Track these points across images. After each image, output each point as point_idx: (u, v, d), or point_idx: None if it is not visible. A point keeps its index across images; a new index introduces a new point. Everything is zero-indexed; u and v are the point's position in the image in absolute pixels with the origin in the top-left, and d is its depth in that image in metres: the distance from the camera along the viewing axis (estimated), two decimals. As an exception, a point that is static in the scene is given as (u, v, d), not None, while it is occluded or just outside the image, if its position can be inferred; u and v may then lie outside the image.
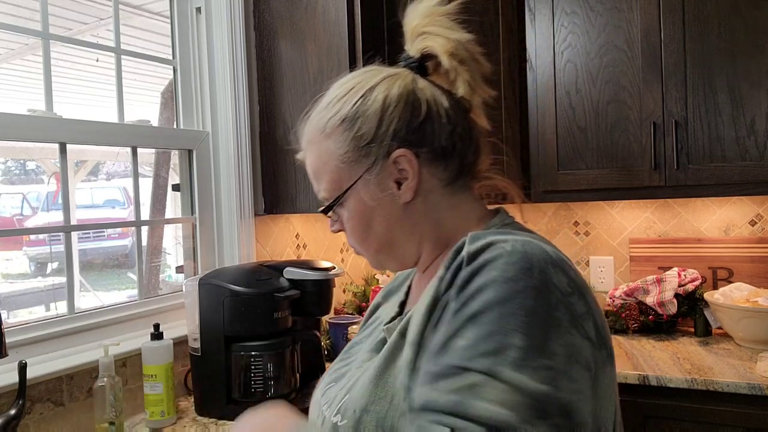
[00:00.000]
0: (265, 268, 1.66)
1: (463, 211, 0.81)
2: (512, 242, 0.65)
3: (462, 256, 0.67)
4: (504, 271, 0.62)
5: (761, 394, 1.58)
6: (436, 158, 0.77)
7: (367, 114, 0.76)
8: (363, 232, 0.80)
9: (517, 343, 0.58)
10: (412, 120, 0.76)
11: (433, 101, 0.77)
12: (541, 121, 2.12)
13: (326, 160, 0.79)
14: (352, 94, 0.78)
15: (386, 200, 0.77)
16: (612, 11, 2.02)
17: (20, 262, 6.04)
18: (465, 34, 0.79)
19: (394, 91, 0.77)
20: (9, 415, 1.22)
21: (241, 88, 1.95)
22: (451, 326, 0.63)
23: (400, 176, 0.77)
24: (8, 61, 3.69)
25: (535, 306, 0.60)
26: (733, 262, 2.17)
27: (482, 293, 0.62)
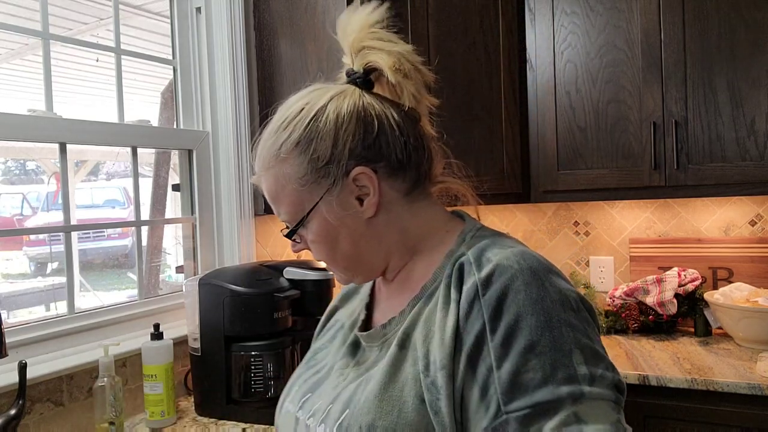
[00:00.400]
0: (265, 268, 1.66)
1: (425, 217, 0.82)
2: (513, 259, 0.69)
3: (474, 282, 0.69)
4: (527, 293, 0.67)
5: (761, 394, 1.58)
6: (393, 171, 0.78)
7: (321, 135, 0.76)
8: (330, 251, 0.80)
9: (579, 359, 0.64)
10: (366, 136, 0.76)
11: (383, 115, 0.78)
12: (541, 121, 2.12)
13: (284, 184, 0.78)
14: (303, 115, 0.77)
15: (350, 218, 0.78)
16: (612, 11, 2.02)
17: (20, 262, 6.04)
18: (404, 45, 0.79)
19: (345, 108, 0.77)
20: (9, 415, 1.22)
21: (241, 88, 1.95)
22: (512, 361, 0.64)
23: (361, 193, 0.77)
24: (8, 61, 3.69)
25: (568, 318, 0.66)
26: (733, 262, 2.17)
27: (523, 321, 0.65)
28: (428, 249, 0.81)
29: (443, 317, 0.71)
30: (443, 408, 0.66)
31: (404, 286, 0.83)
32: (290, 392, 0.88)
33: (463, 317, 0.69)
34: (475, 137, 2.12)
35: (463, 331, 0.68)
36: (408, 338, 0.74)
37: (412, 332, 0.74)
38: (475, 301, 0.68)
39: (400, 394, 0.70)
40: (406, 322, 0.76)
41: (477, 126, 2.12)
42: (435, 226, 0.82)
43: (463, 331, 0.68)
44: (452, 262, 0.75)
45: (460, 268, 0.72)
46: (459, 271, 0.72)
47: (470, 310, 0.68)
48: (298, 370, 0.92)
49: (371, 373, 0.76)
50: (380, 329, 0.80)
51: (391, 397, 0.70)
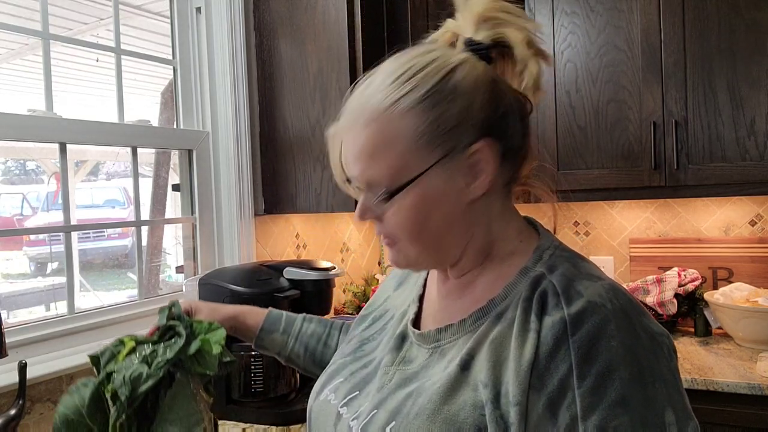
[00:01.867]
0: (265, 268, 1.66)
1: (507, 218, 0.75)
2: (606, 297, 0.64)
3: (563, 318, 0.64)
4: (620, 339, 0.62)
5: (761, 394, 1.58)
6: (507, 157, 0.71)
7: (455, 95, 0.67)
8: (415, 226, 0.70)
9: (671, 419, 0.61)
10: (498, 110, 0.69)
11: (510, 94, 0.71)
12: (541, 120, 2.12)
13: (391, 140, 0.67)
14: (433, 70, 0.68)
15: (452, 194, 0.69)
16: (612, 11, 2.02)
17: (20, 262, 6.04)
18: (533, 23, 0.72)
19: (480, 75, 0.69)
20: (9, 415, 1.22)
21: (241, 88, 1.95)
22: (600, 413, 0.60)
23: (475, 170, 0.69)
24: (8, 61, 3.69)
25: (661, 370, 0.63)
26: (733, 262, 2.17)
27: (616, 372, 0.61)
28: (499, 257, 0.74)
29: (519, 346, 0.65)
30: None
31: (466, 290, 0.76)
32: (332, 381, 0.82)
33: (546, 354, 0.63)
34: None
35: (544, 369, 0.63)
36: (472, 360, 0.68)
37: (476, 354, 0.68)
38: (563, 340, 0.62)
39: (455, 418, 0.65)
40: (470, 341, 0.70)
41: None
42: (510, 232, 0.75)
43: (545, 369, 0.63)
44: (530, 283, 0.69)
45: (544, 295, 0.66)
46: (542, 298, 0.66)
47: (556, 349, 0.63)
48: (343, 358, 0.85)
49: (423, 385, 0.70)
50: (435, 333, 0.74)
51: (445, 420, 0.65)
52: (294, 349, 1.06)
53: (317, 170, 1.94)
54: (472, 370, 0.67)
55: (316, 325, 1.09)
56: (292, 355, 1.06)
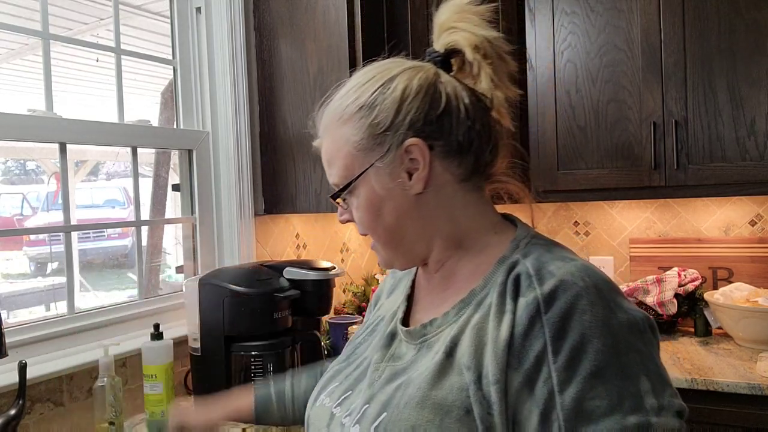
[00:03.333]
0: (265, 268, 1.66)
1: (475, 212, 0.80)
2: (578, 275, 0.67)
3: (536, 298, 0.67)
4: (593, 313, 0.65)
5: (761, 394, 1.58)
6: (451, 153, 0.77)
7: (386, 102, 0.76)
8: (372, 221, 0.79)
9: (646, 387, 0.63)
10: (430, 112, 0.75)
11: (453, 95, 0.77)
12: (541, 120, 2.12)
13: (340, 146, 0.78)
14: (373, 82, 0.77)
15: (397, 190, 0.76)
16: (612, 11, 2.02)
17: (20, 262, 6.04)
18: (493, 32, 0.78)
19: (416, 82, 0.76)
20: (9, 415, 1.22)
21: (241, 88, 1.95)
22: (576, 386, 0.62)
23: (411, 166, 0.76)
24: (8, 61, 3.69)
25: (635, 342, 0.65)
26: (733, 262, 2.17)
27: (589, 344, 0.63)
28: (476, 248, 0.79)
29: (496, 328, 0.69)
30: (497, 423, 0.65)
31: (448, 283, 0.81)
32: (328, 386, 0.86)
33: (521, 333, 0.66)
34: (475, 137, 2.11)
35: (520, 348, 0.66)
36: (456, 346, 0.72)
37: (459, 340, 0.72)
38: (536, 318, 0.66)
39: (443, 402, 0.68)
40: (453, 329, 0.74)
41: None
42: (484, 224, 0.80)
43: (521, 347, 0.66)
44: (506, 270, 0.73)
45: (517, 278, 0.70)
46: (516, 281, 0.70)
47: (530, 327, 0.66)
48: (338, 364, 0.90)
49: (411, 377, 0.74)
50: (420, 328, 0.78)
51: (434, 405, 0.68)
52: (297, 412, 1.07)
53: (317, 170, 1.94)
54: (456, 356, 0.71)
55: (306, 380, 1.11)
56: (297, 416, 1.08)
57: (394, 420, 0.70)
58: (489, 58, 0.78)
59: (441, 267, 0.81)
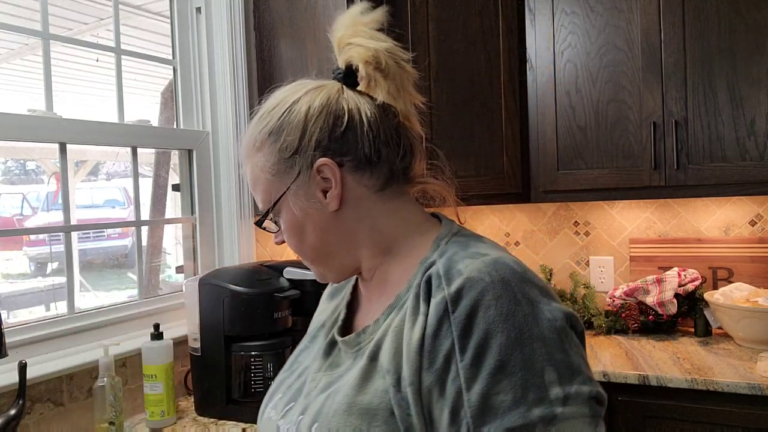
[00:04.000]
0: (265, 268, 1.66)
1: (399, 216, 0.81)
2: (484, 270, 0.67)
3: (444, 298, 0.67)
4: (498, 308, 0.65)
5: (761, 394, 1.58)
6: (360, 166, 0.78)
7: (291, 126, 0.77)
8: (298, 242, 0.81)
9: (551, 377, 0.63)
10: (334, 129, 0.77)
11: (356, 110, 0.78)
12: (541, 120, 2.12)
13: (257, 173, 0.80)
14: (279, 107, 0.79)
15: (314, 210, 0.78)
16: (612, 11, 2.02)
17: (20, 262, 6.04)
18: (384, 42, 0.78)
19: (317, 102, 0.78)
20: (9, 415, 1.22)
21: (241, 88, 1.95)
22: (481, 382, 0.63)
23: (325, 185, 0.78)
24: (8, 61, 3.69)
25: (541, 331, 0.64)
26: (733, 262, 2.17)
27: (493, 339, 0.64)
28: (403, 252, 0.80)
29: (410, 330, 0.70)
30: (415, 425, 0.66)
31: (381, 289, 0.82)
32: (273, 398, 0.87)
33: (432, 334, 0.67)
34: (475, 137, 2.12)
35: (431, 348, 0.67)
36: (379, 350, 0.73)
37: (382, 344, 0.73)
38: (444, 318, 0.66)
39: (369, 406, 0.69)
40: (378, 333, 0.75)
41: (477, 126, 2.12)
42: (409, 228, 0.81)
43: (431, 348, 0.67)
44: (423, 271, 0.74)
45: (429, 280, 0.71)
46: (428, 283, 0.71)
47: (439, 327, 0.67)
48: (282, 374, 0.91)
49: (340, 384, 0.75)
50: (355, 337, 0.79)
51: (360, 410, 0.69)
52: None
53: (317, 170, 1.94)
54: (379, 360, 0.72)
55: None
56: None
57: (324, 429, 0.71)
58: (383, 71, 0.78)
59: (374, 274, 0.82)
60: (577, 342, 0.67)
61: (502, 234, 2.52)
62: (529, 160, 2.16)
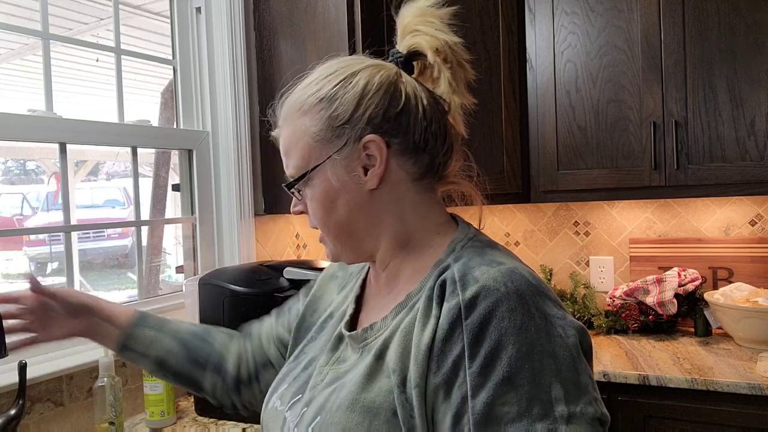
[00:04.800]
0: (265, 268, 1.66)
1: (424, 211, 0.81)
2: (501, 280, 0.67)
3: (458, 304, 0.67)
4: (511, 320, 0.64)
5: (761, 394, 1.58)
6: (407, 151, 0.78)
7: (346, 96, 0.76)
8: (325, 214, 0.79)
9: (558, 394, 0.62)
10: (389, 109, 0.76)
11: (413, 95, 0.78)
12: (541, 120, 2.12)
13: (299, 136, 0.79)
14: (335, 76, 0.78)
15: (351, 184, 0.77)
16: (612, 11, 2.02)
17: (20, 262, 6.03)
18: (454, 37, 0.79)
19: (377, 78, 0.77)
20: (9, 415, 1.22)
21: (241, 88, 1.95)
22: (488, 391, 0.63)
23: (368, 162, 0.77)
24: (8, 61, 3.69)
25: (552, 348, 0.64)
26: (733, 262, 2.17)
27: (504, 350, 0.63)
28: (419, 250, 0.80)
29: (420, 332, 0.69)
30: (417, 426, 0.66)
31: (391, 285, 0.82)
32: (279, 388, 0.86)
33: (442, 338, 0.67)
34: (475, 137, 2.11)
35: (440, 353, 0.67)
36: (386, 349, 0.73)
37: (390, 343, 0.73)
38: (457, 324, 0.66)
39: (372, 404, 0.69)
40: (386, 332, 0.75)
41: (477, 126, 2.11)
42: (429, 225, 0.80)
43: (441, 352, 0.67)
44: (437, 274, 0.73)
45: (443, 284, 0.70)
46: (442, 287, 0.70)
47: (451, 333, 0.66)
48: (288, 364, 0.90)
49: (345, 380, 0.75)
50: (362, 333, 0.79)
51: (363, 408, 0.69)
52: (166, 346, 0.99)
53: (317, 170, 1.94)
54: (386, 359, 0.72)
55: (191, 325, 1.08)
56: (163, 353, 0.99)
57: (326, 423, 0.71)
58: (449, 63, 0.79)
59: (386, 266, 0.82)
60: (585, 360, 0.67)
61: (502, 234, 2.52)
62: (529, 160, 2.16)
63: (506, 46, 2.13)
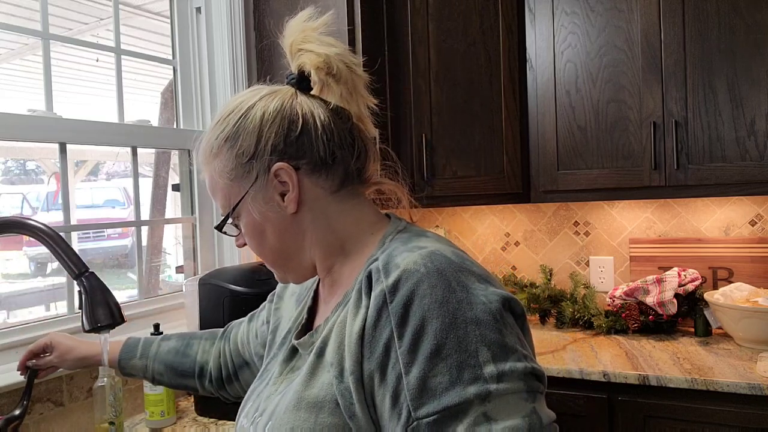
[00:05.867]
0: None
1: (353, 216, 0.83)
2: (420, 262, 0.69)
3: (382, 290, 0.69)
4: (432, 295, 0.66)
5: (761, 394, 1.58)
6: (316, 168, 0.80)
7: (247, 131, 0.79)
8: (258, 244, 0.83)
9: (485, 357, 0.64)
10: (289, 134, 0.79)
11: (309, 114, 0.80)
12: (541, 120, 2.12)
13: (216, 179, 0.82)
14: (235, 113, 0.81)
15: (273, 212, 0.80)
16: (612, 11, 2.02)
17: (20, 262, 6.03)
18: (335, 47, 0.80)
19: (272, 107, 0.80)
20: (13, 415, 1.22)
21: (241, 88, 1.95)
22: (419, 366, 0.65)
23: (282, 189, 0.79)
24: (8, 61, 3.69)
25: (474, 315, 0.66)
26: (733, 262, 2.17)
27: (429, 325, 0.65)
28: (355, 251, 0.82)
29: (352, 323, 0.72)
30: (358, 413, 0.69)
31: (334, 289, 0.84)
32: (245, 407, 0.89)
33: (371, 325, 0.69)
34: (475, 137, 2.12)
35: (371, 338, 0.69)
36: (325, 346, 0.76)
37: (328, 340, 0.76)
38: (383, 309, 0.68)
39: (316, 399, 0.72)
40: (326, 330, 0.77)
41: (477, 126, 2.12)
42: (361, 227, 0.82)
43: (371, 338, 0.69)
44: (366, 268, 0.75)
45: (369, 275, 0.73)
46: (368, 278, 0.73)
47: (378, 318, 0.68)
48: (254, 383, 0.93)
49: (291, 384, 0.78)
50: (308, 338, 0.82)
51: (308, 404, 0.72)
52: (155, 369, 1.17)
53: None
54: (325, 354, 0.75)
55: (174, 341, 1.20)
56: (156, 375, 1.18)
57: (276, 426, 0.74)
58: (335, 75, 0.81)
59: (328, 273, 0.84)
60: (512, 323, 0.69)
61: (502, 234, 2.52)
62: (529, 160, 2.16)
63: (506, 46, 2.13)
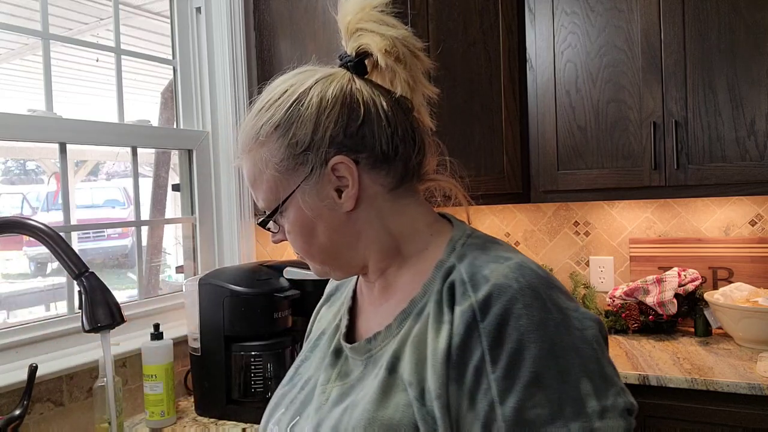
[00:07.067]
0: (265, 268, 1.66)
1: (410, 216, 0.76)
2: (511, 276, 0.65)
3: (471, 306, 0.64)
4: (529, 317, 0.62)
5: (761, 394, 1.58)
6: (377, 163, 0.73)
7: (302, 119, 0.71)
8: (305, 243, 0.75)
9: (587, 389, 0.61)
10: (350, 124, 0.71)
11: (371, 103, 0.73)
12: (541, 120, 2.12)
13: (262, 168, 0.74)
14: (286, 97, 0.73)
15: (327, 210, 0.73)
16: (612, 11, 2.02)
17: (20, 262, 6.03)
18: (401, 30, 0.73)
19: (330, 93, 0.72)
20: (14, 415, 1.22)
21: (241, 88, 1.95)
22: (516, 396, 0.60)
23: (339, 184, 0.72)
24: (8, 61, 3.69)
25: (573, 341, 0.62)
26: (733, 262, 2.17)
27: (526, 350, 0.61)
28: (414, 254, 0.76)
29: (434, 339, 0.66)
30: None
31: (389, 292, 0.77)
32: (275, 414, 0.81)
33: (459, 344, 0.64)
34: (475, 137, 2.12)
35: (459, 359, 0.64)
36: (398, 361, 0.69)
37: (402, 354, 0.69)
38: (473, 328, 0.63)
39: (391, 421, 0.65)
40: (395, 343, 0.71)
41: (477, 126, 2.12)
42: (419, 228, 0.76)
43: (460, 359, 0.64)
44: (442, 276, 0.70)
45: (452, 286, 0.68)
46: (451, 289, 0.68)
47: (468, 338, 0.63)
48: (282, 388, 0.85)
49: (357, 398, 0.71)
50: (365, 344, 0.75)
51: (381, 426, 0.65)
52: None
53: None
54: (399, 371, 0.68)
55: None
56: None
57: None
58: (402, 61, 0.74)
59: (381, 275, 0.78)
60: (606, 349, 0.65)
61: (502, 234, 2.52)
62: (529, 160, 2.16)
63: (506, 46, 2.13)
